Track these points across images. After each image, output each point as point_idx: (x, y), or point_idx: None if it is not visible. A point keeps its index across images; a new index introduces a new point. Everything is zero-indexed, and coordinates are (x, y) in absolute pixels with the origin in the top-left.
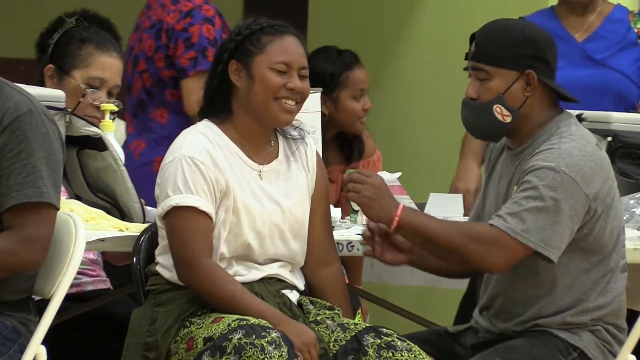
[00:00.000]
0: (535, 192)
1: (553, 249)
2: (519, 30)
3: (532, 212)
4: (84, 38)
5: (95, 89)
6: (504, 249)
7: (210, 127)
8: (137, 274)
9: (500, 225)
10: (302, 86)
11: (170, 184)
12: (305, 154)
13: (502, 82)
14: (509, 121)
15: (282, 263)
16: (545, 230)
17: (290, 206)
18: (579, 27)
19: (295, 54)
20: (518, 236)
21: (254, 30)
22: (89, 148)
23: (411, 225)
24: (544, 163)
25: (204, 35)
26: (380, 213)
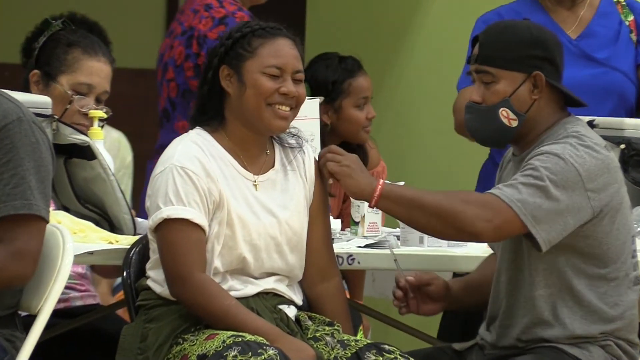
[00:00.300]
0: (535, 172)
1: (543, 232)
2: (525, 30)
3: (530, 188)
4: (71, 42)
5: (83, 95)
6: (495, 214)
7: (202, 136)
8: (128, 289)
9: (494, 192)
10: (296, 91)
11: (161, 195)
12: (303, 162)
13: (508, 84)
14: (515, 125)
15: (279, 277)
16: (541, 209)
17: (287, 218)
18: (570, 22)
19: (288, 57)
20: (512, 204)
21: (244, 33)
22: (77, 157)
23: (395, 193)
24: (548, 150)
25: None
26: (362, 183)
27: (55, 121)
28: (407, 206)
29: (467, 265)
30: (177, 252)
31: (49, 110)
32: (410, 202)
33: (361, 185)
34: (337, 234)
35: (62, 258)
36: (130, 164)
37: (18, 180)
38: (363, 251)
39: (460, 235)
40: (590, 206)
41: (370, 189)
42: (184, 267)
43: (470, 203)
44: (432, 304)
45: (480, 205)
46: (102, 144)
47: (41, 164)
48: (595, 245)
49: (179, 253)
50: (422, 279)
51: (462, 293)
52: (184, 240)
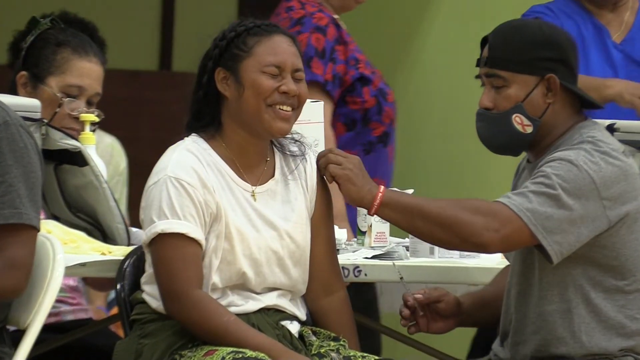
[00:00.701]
0: (547, 179)
1: (554, 244)
2: (537, 30)
3: (541, 197)
4: (60, 41)
5: (73, 98)
6: (503, 223)
7: (198, 143)
8: (121, 302)
9: (502, 200)
10: (297, 89)
11: (154, 208)
12: (305, 171)
13: (520, 88)
14: (530, 131)
15: (282, 292)
16: (552, 219)
17: (288, 230)
18: (615, 25)
19: (286, 55)
20: (521, 214)
21: (239, 32)
22: (67, 163)
23: (396, 200)
24: (561, 156)
25: (311, 45)
26: (363, 189)
27: (45, 125)
28: (409, 215)
29: (481, 277)
30: (172, 268)
31: (37, 114)
32: (412, 210)
33: (362, 191)
34: (342, 244)
35: (53, 270)
36: (124, 171)
37: (6, 188)
38: (370, 262)
39: (465, 245)
40: (605, 216)
41: (371, 196)
42: (180, 283)
43: (476, 212)
44: (443, 321)
45: (487, 214)
46: (94, 149)
47: (30, 170)
48: (612, 256)
49: (174, 269)
50: (431, 296)
51: (474, 309)
52: (179, 255)
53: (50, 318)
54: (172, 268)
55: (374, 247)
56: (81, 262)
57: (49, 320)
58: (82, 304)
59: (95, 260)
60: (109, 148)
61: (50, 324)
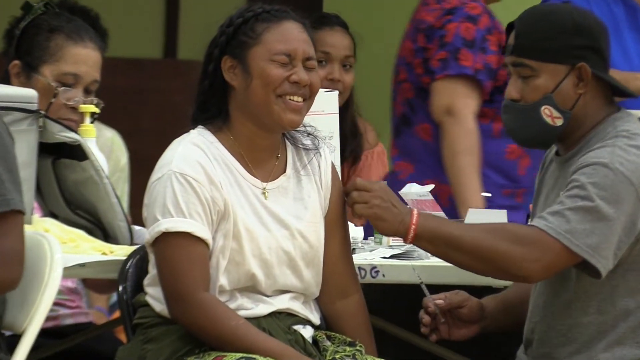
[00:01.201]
0: (582, 191)
1: (601, 258)
2: (567, 16)
3: (578, 213)
4: (53, 27)
5: (69, 87)
6: (543, 251)
7: (204, 136)
8: (124, 305)
9: (539, 224)
10: (308, 79)
11: (158, 205)
12: (319, 166)
13: (550, 78)
14: (560, 124)
15: (294, 295)
16: (594, 235)
17: (301, 229)
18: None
19: (297, 42)
20: (561, 237)
21: (247, 18)
22: (66, 157)
23: (430, 232)
24: (595, 159)
25: (459, 35)
26: (394, 223)
27: (42, 117)
28: (445, 247)
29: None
30: (177, 269)
31: (34, 105)
32: (447, 242)
33: (394, 226)
34: (358, 243)
35: (50, 271)
36: (125, 167)
37: None
38: (388, 262)
39: (505, 277)
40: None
41: (404, 229)
42: (185, 286)
43: (514, 241)
44: (465, 327)
45: (525, 244)
46: (95, 142)
47: (6, 151)
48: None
49: (179, 270)
50: (452, 301)
51: (498, 313)
52: (185, 256)
53: (47, 322)
54: (177, 269)
55: (392, 246)
56: (81, 262)
57: (46, 325)
58: (82, 307)
59: (96, 261)
60: (108, 142)
61: (48, 329)
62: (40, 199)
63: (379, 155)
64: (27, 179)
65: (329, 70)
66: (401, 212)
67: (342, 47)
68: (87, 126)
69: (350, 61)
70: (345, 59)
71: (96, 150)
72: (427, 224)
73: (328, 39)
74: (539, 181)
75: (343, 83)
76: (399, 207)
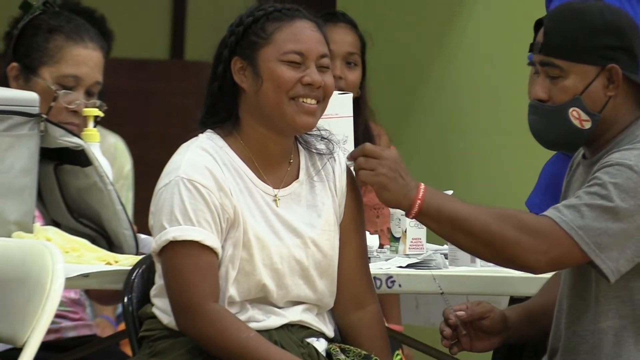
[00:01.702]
0: (602, 189)
1: (609, 261)
2: (598, 14)
3: (594, 210)
4: (52, 27)
5: (69, 90)
6: (552, 244)
7: (214, 141)
8: (129, 317)
9: (552, 216)
10: (322, 80)
11: (165, 213)
12: (333, 172)
13: (579, 79)
14: (588, 127)
15: (307, 306)
16: (606, 235)
17: (314, 238)
18: None
19: (310, 41)
20: (572, 232)
21: (257, 17)
22: (69, 163)
23: (436, 208)
24: (620, 160)
25: None
26: (399, 195)
27: (44, 121)
28: (450, 226)
29: (527, 288)
30: (185, 279)
31: (35, 108)
32: (453, 221)
33: (397, 198)
34: (374, 252)
35: (52, 282)
36: (129, 174)
37: None
38: (405, 272)
39: (509, 265)
40: None
41: (408, 203)
42: (194, 296)
43: (523, 230)
44: (487, 339)
45: (534, 234)
46: (99, 147)
47: None
48: None
49: (187, 281)
50: (474, 312)
51: (522, 324)
52: (193, 265)
53: (49, 335)
54: (185, 279)
55: (409, 254)
56: (84, 272)
57: (48, 337)
58: (85, 319)
59: (100, 271)
60: (112, 148)
61: (50, 342)
62: (41, 207)
63: None
64: (28, 185)
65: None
66: (408, 184)
67: (345, 44)
68: (90, 130)
69: (354, 59)
70: (348, 55)
71: (100, 155)
72: (434, 201)
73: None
74: (566, 184)
75: (345, 80)
76: (407, 178)
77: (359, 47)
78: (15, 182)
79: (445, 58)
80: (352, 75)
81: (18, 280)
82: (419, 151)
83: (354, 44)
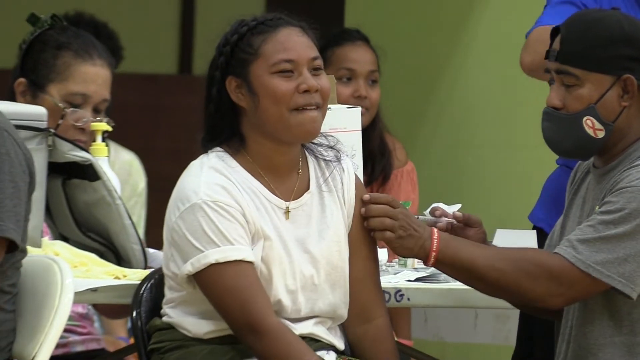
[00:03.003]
0: (619, 216)
1: (635, 286)
2: (616, 24)
3: (611, 242)
4: (60, 44)
5: (77, 108)
6: (569, 285)
7: (225, 161)
8: (138, 332)
9: (567, 256)
10: (317, 84)
11: (195, 236)
12: (342, 182)
13: (594, 88)
14: (602, 136)
15: (320, 320)
16: (627, 263)
17: (323, 250)
18: None
19: (298, 47)
20: (590, 270)
21: (242, 33)
22: (77, 177)
23: (451, 258)
24: (635, 182)
25: None
26: (415, 248)
27: (52, 135)
28: (467, 275)
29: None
30: (243, 298)
31: (44, 122)
32: (469, 271)
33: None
34: (382, 265)
35: (60, 296)
36: (143, 192)
37: None
38: (413, 285)
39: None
40: None
41: (424, 254)
42: (257, 313)
43: (538, 275)
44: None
45: (550, 278)
46: (107, 161)
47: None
48: None
49: (246, 299)
50: (470, 218)
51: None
52: (246, 283)
53: (58, 349)
54: (244, 298)
55: (418, 268)
56: (92, 287)
57: (56, 352)
58: (94, 333)
59: (108, 285)
60: (126, 165)
61: (58, 356)
62: (50, 221)
63: (409, 174)
64: (36, 200)
65: (355, 87)
66: (422, 235)
67: (366, 62)
68: (98, 145)
69: (375, 76)
70: (370, 74)
71: (108, 169)
72: (449, 250)
73: (351, 55)
74: (573, 192)
75: (370, 99)
76: (420, 230)
77: (377, 63)
78: None
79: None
80: (374, 94)
81: (26, 294)
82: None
83: (373, 61)
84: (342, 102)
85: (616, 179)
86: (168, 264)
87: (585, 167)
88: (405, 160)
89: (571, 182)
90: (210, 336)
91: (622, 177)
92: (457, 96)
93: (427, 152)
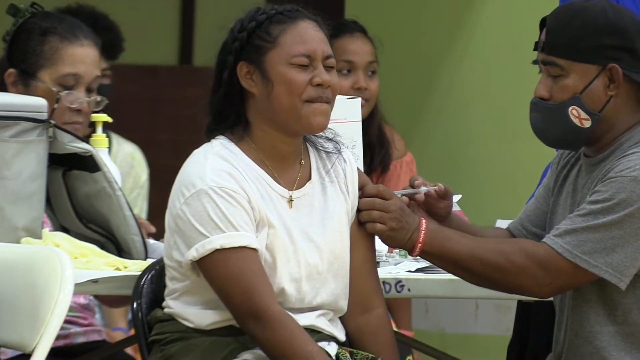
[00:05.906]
0: (607, 205)
1: (623, 277)
2: (601, 14)
3: (599, 231)
4: (45, 30)
5: (70, 89)
6: (556, 275)
7: (229, 148)
8: (139, 323)
9: (554, 246)
10: (330, 79)
11: (201, 221)
12: (344, 173)
13: (579, 78)
14: (588, 126)
15: (323, 311)
16: (615, 252)
17: (326, 240)
18: None
19: (315, 42)
20: (577, 260)
21: (260, 21)
22: (77, 169)
23: (438, 250)
24: (625, 171)
25: None
26: (404, 240)
27: (52, 127)
28: (453, 266)
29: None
30: (247, 284)
31: (44, 114)
32: (455, 263)
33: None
34: (383, 256)
35: (61, 287)
36: (145, 184)
37: None
38: (414, 276)
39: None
40: None
41: (410, 245)
42: (261, 300)
43: (525, 267)
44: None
45: (537, 268)
46: (107, 152)
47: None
48: None
49: (250, 285)
50: (448, 191)
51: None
52: (250, 270)
53: (58, 341)
54: (247, 284)
55: (418, 259)
56: (93, 278)
57: (57, 343)
58: (95, 325)
59: (109, 276)
60: (128, 158)
61: (59, 347)
62: (50, 213)
63: (408, 165)
64: (37, 191)
65: (354, 79)
66: (410, 228)
67: (365, 53)
68: (99, 136)
69: (374, 67)
70: (369, 65)
71: (108, 160)
72: (435, 242)
73: (350, 47)
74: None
75: (369, 90)
76: (409, 220)
77: (375, 54)
78: (23, 188)
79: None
80: (373, 85)
81: (27, 286)
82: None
83: (372, 52)
84: (342, 94)
85: (608, 168)
86: (171, 252)
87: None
88: (404, 151)
89: (557, 163)
90: (213, 327)
91: (612, 166)
92: (456, 88)
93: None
